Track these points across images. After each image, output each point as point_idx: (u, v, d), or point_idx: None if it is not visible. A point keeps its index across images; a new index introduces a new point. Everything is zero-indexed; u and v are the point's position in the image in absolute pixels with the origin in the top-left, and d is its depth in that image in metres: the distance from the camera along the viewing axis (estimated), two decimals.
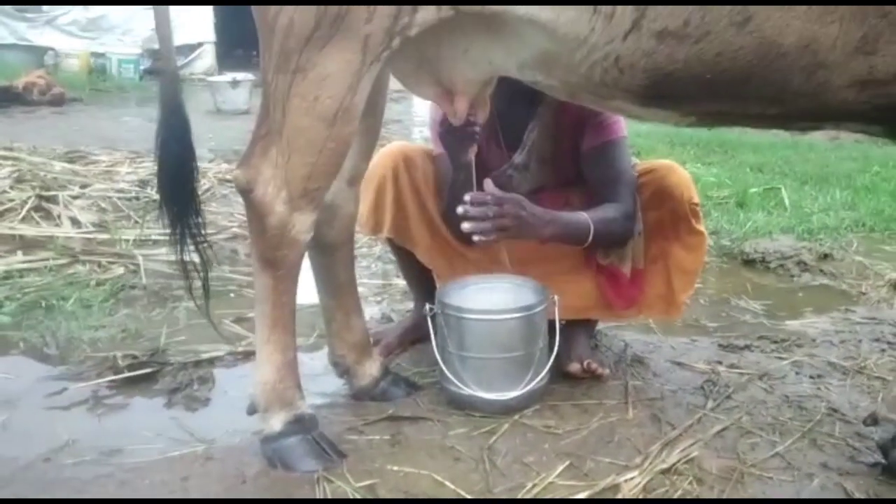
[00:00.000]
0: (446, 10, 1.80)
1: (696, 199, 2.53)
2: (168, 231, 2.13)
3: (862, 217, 4.92)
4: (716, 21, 1.67)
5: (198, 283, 2.15)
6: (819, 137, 7.64)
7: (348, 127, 1.92)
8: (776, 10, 1.64)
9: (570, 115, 2.51)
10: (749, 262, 4.09)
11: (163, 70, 2.19)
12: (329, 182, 2.03)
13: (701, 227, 2.55)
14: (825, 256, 4.12)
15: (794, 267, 4.01)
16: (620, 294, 2.60)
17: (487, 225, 2.23)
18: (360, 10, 1.79)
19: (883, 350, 2.99)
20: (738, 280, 3.87)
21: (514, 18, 1.80)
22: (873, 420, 2.14)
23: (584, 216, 2.41)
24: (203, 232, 2.17)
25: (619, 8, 1.70)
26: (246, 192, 2.00)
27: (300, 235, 2.01)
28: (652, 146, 6.81)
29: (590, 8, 1.72)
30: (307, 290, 2.48)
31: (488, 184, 2.31)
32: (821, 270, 3.99)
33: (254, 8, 1.90)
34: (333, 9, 1.78)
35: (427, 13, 1.80)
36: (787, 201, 5.24)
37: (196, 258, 2.15)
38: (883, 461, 2.11)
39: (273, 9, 1.83)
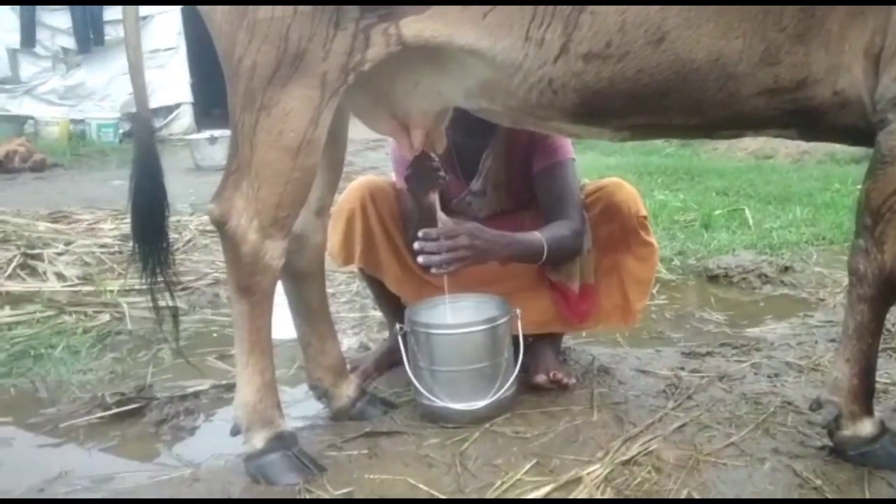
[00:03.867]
0: (394, 46, 1.97)
1: (644, 213, 2.69)
2: (142, 271, 2.26)
3: (822, 231, 5.09)
4: (633, 41, 1.87)
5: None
6: (782, 160, 7.88)
7: (312, 158, 2.09)
8: (686, 29, 1.84)
9: (521, 141, 2.68)
10: (713, 278, 4.25)
11: (137, 116, 2.34)
12: (297, 210, 2.18)
13: (651, 239, 2.70)
14: (786, 269, 4.29)
15: (755, 280, 4.18)
16: (572, 309, 2.73)
17: (442, 257, 2.38)
18: (317, 50, 1.96)
19: (837, 348, 3.14)
20: (702, 295, 4.03)
21: (456, 49, 1.98)
22: (818, 404, 2.27)
23: (536, 236, 2.55)
24: (174, 268, 2.31)
25: (548, 34, 1.89)
26: (220, 224, 2.14)
27: (273, 262, 2.15)
28: (622, 177, 6.99)
29: (522, 36, 1.91)
30: (286, 325, 2.62)
31: (442, 217, 2.46)
32: (781, 282, 4.16)
33: (220, 53, 2.07)
34: (292, 49, 1.95)
35: (377, 50, 1.98)
36: (750, 221, 5.42)
37: (171, 301, 2.29)
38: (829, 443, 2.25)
39: (237, 52, 2.00)
